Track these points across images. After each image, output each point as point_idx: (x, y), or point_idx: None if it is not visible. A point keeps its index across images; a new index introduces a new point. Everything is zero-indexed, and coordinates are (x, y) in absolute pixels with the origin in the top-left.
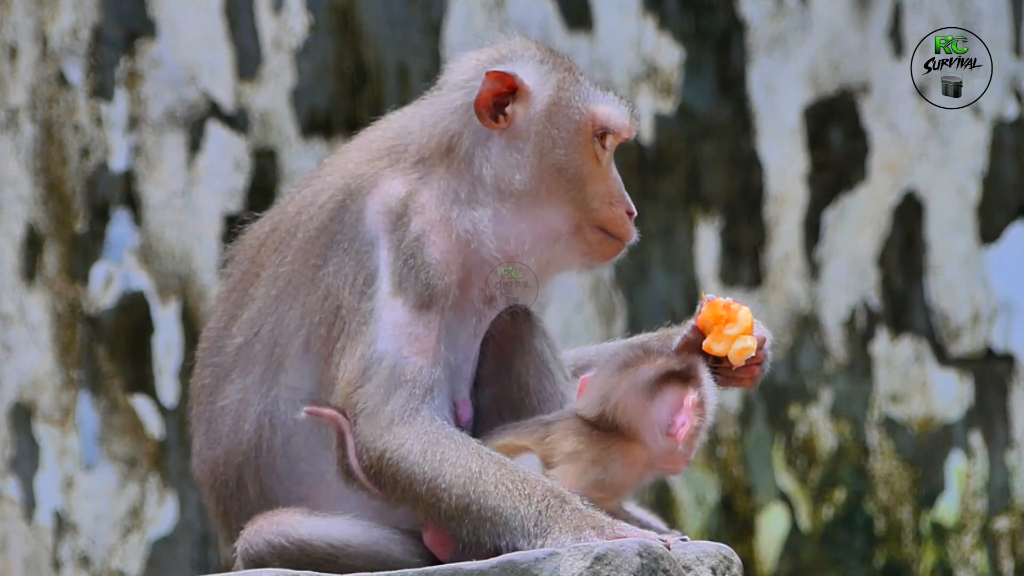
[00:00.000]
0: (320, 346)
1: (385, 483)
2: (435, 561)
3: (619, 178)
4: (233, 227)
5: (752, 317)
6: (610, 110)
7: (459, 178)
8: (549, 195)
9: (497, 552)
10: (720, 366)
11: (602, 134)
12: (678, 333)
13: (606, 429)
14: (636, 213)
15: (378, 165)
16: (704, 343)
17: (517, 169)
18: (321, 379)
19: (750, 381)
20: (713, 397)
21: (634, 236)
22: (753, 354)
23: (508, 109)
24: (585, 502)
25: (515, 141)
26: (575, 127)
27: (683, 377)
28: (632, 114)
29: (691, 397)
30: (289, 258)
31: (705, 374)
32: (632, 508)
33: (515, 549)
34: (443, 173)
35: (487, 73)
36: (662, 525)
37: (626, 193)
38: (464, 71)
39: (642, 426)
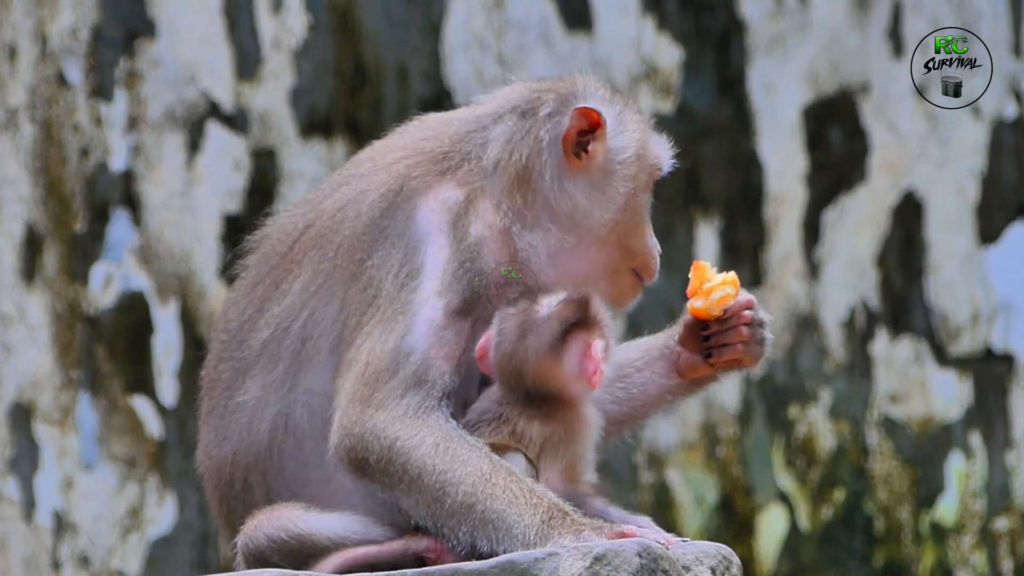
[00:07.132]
0: (348, 334)
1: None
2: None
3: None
4: (233, 227)
5: (736, 279)
6: (665, 151)
7: (528, 204)
8: (615, 235)
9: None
10: (710, 337)
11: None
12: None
13: (541, 399)
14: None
15: (432, 170)
16: (688, 305)
17: (599, 207)
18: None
19: (743, 348)
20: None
21: (655, 278)
22: (732, 302)
23: (590, 147)
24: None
25: (599, 179)
26: (651, 171)
27: (582, 324)
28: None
29: (597, 344)
30: (331, 254)
31: (601, 312)
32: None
33: None
34: (511, 193)
35: (576, 110)
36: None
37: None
38: (539, 101)
39: (564, 384)
